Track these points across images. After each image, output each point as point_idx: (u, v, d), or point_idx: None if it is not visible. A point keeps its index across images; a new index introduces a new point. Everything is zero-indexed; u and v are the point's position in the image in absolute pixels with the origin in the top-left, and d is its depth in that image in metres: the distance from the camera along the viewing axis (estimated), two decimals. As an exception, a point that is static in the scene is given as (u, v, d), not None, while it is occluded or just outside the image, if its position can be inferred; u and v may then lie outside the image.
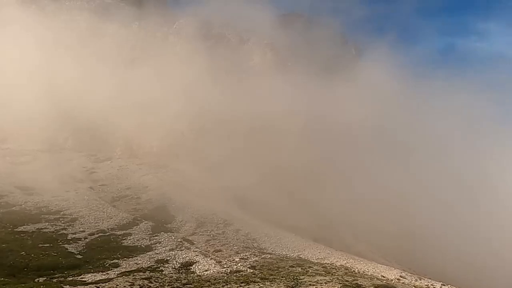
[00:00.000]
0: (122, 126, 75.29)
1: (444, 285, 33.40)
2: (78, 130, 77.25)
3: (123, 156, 74.69)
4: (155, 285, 26.94)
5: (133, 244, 40.44)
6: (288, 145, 78.64)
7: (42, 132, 75.48)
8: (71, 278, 29.24)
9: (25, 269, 31.18)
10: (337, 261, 38.20)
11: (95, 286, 25.19)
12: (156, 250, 38.21)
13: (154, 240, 41.61)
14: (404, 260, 61.25)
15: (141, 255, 36.67)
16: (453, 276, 51.85)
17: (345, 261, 38.23)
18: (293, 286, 25.44)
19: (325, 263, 36.94)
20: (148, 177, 65.63)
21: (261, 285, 25.94)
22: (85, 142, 76.98)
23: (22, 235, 40.09)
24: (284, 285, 25.78)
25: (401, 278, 33.16)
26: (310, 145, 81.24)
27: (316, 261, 38.03)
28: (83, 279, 28.93)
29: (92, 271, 31.75)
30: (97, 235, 42.82)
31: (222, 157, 73.21)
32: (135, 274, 30.21)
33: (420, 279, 34.29)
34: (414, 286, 29.92)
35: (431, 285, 32.46)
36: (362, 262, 38.57)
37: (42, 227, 43.39)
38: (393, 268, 38.38)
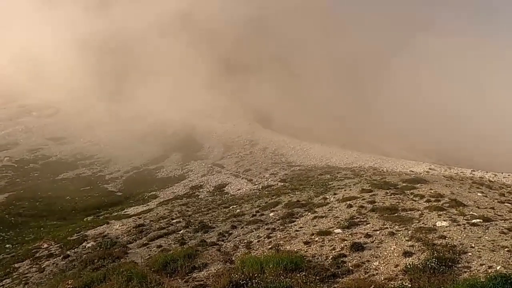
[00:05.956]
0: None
1: (474, 171, 33.23)
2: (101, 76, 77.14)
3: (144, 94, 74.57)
4: (193, 208, 28.38)
5: (167, 176, 42.32)
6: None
7: (61, 83, 76.19)
8: (116, 213, 31.26)
9: (73, 211, 33.54)
10: (365, 163, 38.68)
11: (138, 217, 26.82)
12: (189, 178, 39.88)
13: (186, 169, 43.30)
14: (434, 155, 61.15)
15: (176, 184, 38.43)
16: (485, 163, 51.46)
17: (373, 162, 38.66)
18: (322, 192, 26.12)
19: (354, 167, 37.51)
20: (170, 110, 66.08)
21: (292, 195, 26.82)
22: (106, 86, 76.96)
23: (63, 182, 42.60)
24: (314, 192, 26.53)
25: (430, 170, 33.22)
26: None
27: (344, 166, 38.68)
28: (126, 213, 30.86)
29: (133, 204, 33.81)
30: (132, 172, 44.93)
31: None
32: (173, 202, 31.86)
33: (450, 169, 34.26)
34: (444, 176, 29.95)
35: (461, 172, 32.46)
36: (390, 161, 38.86)
37: (81, 172, 45.80)
38: (421, 162, 38.47)
